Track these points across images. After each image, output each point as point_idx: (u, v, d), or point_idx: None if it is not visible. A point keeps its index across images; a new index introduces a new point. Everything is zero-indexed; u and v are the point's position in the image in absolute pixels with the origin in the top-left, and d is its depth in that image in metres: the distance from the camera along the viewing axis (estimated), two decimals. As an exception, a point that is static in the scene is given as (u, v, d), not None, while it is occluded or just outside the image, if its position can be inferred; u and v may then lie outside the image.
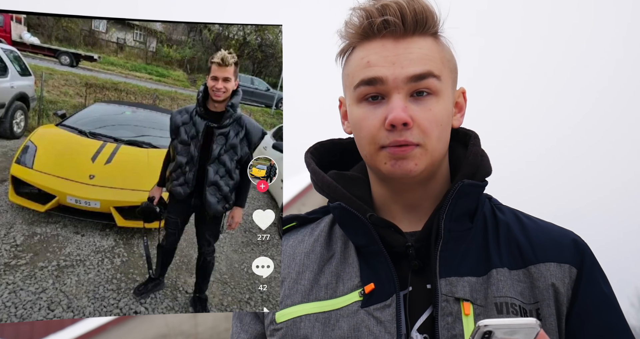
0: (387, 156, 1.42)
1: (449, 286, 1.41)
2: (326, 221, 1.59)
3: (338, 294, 1.46)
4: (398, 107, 1.39)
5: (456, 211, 1.46)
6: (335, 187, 1.51)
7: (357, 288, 1.45)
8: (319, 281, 1.48)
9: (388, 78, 1.41)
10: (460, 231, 1.46)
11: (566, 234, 1.51)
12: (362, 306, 1.42)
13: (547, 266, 1.44)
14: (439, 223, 1.44)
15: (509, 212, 1.55)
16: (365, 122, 1.44)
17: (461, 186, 1.45)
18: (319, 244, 1.54)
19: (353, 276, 1.47)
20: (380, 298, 1.42)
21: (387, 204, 1.52)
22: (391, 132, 1.40)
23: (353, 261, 1.49)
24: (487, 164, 1.53)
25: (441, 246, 1.43)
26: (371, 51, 1.44)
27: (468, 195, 1.47)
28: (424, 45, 1.44)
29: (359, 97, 1.44)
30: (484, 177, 1.51)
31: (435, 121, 1.42)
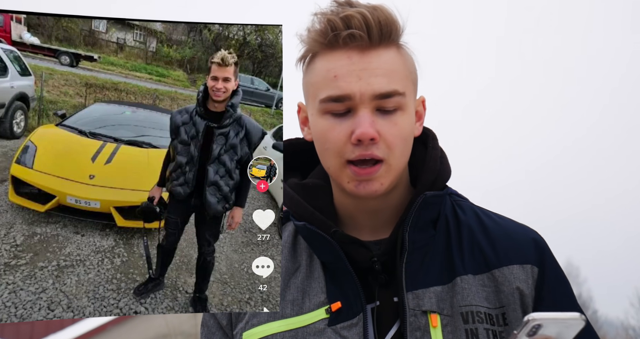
0: (350, 176, 1.42)
1: (416, 300, 1.41)
2: (289, 230, 1.58)
3: (304, 311, 1.46)
4: (365, 122, 1.39)
5: (420, 221, 1.46)
6: (297, 201, 1.51)
7: (323, 305, 1.45)
8: (285, 296, 1.48)
9: (355, 94, 1.39)
10: (425, 240, 1.47)
11: (526, 233, 1.52)
12: (329, 325, 1.43)
13: (510, 269, 1.45)
14: (404, 235, 1.44)
15: (470, 210, 1.55)
16: (330, 135, 1.42)
17: (424, 199, 1.46)
18: (284, 256, 1.54)
19: (319, 292, 1.47)
20: (347, 316, 1.43)
21: (350, 212, 1.53)
22: (357, 146, 1.40)
23: (319, 275, 1.49)
24: (447, 168, 1.53)
25: (406, 258, 1.44)
26: (337, 64, 1.41)
27: (431, 205, 1.48)
28: (388, 59, 1.42)
29: (325, 110, 1.43)
30: (444, 182, 1.52)
31: (400, 136, 1.42)
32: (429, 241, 1.48)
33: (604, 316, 33.89)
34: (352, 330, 1.41)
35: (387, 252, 1.46)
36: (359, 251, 1.46)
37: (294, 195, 1.52)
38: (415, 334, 1.39)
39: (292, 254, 1.55)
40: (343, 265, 1.45)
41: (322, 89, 1.43)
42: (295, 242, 1.56)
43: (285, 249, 1.55)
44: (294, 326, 1.45)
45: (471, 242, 1.49)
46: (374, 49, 1.41)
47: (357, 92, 1.39)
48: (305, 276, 1.50)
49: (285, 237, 1.57)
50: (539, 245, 1.50)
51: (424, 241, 1.47)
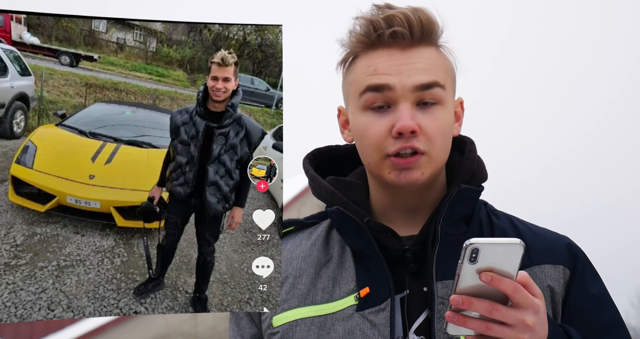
0: (391, 166, 1.44)
1: (445, 289, 1.42)
2: (324, 225, 1.60)
3: (334, 298, 1.47)
4: (406, 115, 1.41)
5: (453, 215, 1.47)
6: (333, 192, 1.52)
7: (353, 292, 1.47)
8: (316, 284, 1.50)
9: (396, 86, 1.42)
10: (457, 235, 1.47)
11: (560, 239, 1.54)
12: (357, 310, 1.44)
13: (542, 268, 1.47)
14: (436, 227, 1.45)
15: (504, 217, 1.57)
16: (371, 129, 1.45)
17: (458, 191, 1.47)
18: (316, 248, 1.56)
19: (349, 280, 1.48)
20: (375, 301, 1.44)
21: (386, 210, 1.54)
22: (398, 139, 1.42)
23: (350, 265, 1.51)
24: (483, 170, 1.55)
25: (438, 250, 1.44)
26: (377, 59, 1.45)
27: (464, 200, 1.49)
28: (429, 55, 1.46)
29: (365, 105, 1.46)
30: (480, 182, 1.53)
31: (440, 129, 1.44)
32: (461, 237, 1.47)
33: (604, 316, 33.72)
34: (380, 315, 1.42)
35: (419, 242, 1.47)
36: (390, 240, 1.47)
37: (329, 187, 1.53)
38: (442, 321, 1.39)
39: (324, 247, 1.56)
40: (373, 252, 1.46)
41: (363, 83, 1.45)
42: (329, 236, 1.58)
43: (319, 241, 1.57)
44: (323, 312, 1.46)
45: None
46: (415, 47, 1.45)
47: (397, 84, 1.42)
48: (337, 267, 1.51)
49: (319, 231, 1.59)
50: (572, 249, 1.51)
51: (456, 235, 1.47)
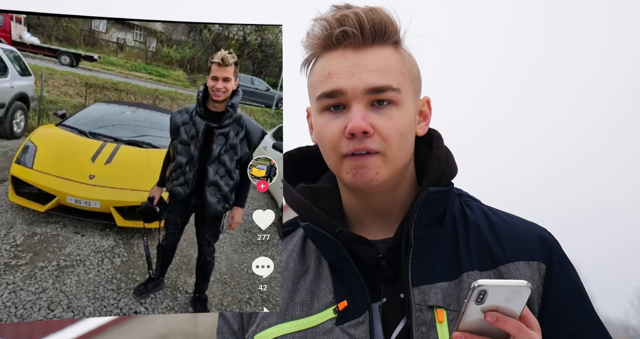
0: (348, 165, 1.44)
1: (422, 295, 1.43)
2: (299, 234, 1.61)
3: (313, 312, 1.48)
4: (357, 116, 1.42)
5: (424, 218, 1.47)
6: (303, 203, 1.53)
7: (331, 305, 1.47)
8: (294, 298, 1.50)
9: (347, 89, 1.43)
10: (431, 237, 1.48)
11: (532, 230, 1.53)
12: (337, 324, 1.44)
13: (516, 265, 1.46)
14: (409, 231, 1.45)
15: (478, 209, 1.57)
16: (326, 131, 1.46)
17: (427, 195, 1.47)
18: (292, 260, 1.56)
19: (327, 293, 1.49)
20: (353, 314, 1.44)
21: (357, 213, 1.54)
22: (351, 140, 1.42)
23: (327, 276, 1.51)
24: (452, 166, 1.54)
25: (412, 254, 1.45)
26: (332, 61, 1.46)
27: (435, 202, 1.49)
28: (383, 56, 1.45)
29: (321, 107, 1.47)
30: (450, 179, 1.53)
31: (395, 129, 1.44)
32: (435, 238, 1.49)
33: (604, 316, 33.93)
34: (359, 328, 1.43)
35: (393, 248, 1.47)
36: (364, 248, 1.47)
37: (300, 198, 1.53)
38: (421, 329, 1.40)
39: (300, 257, 1.56)
40: (347, 264, 1.46)
41: (318, 87, 1.47)
42: (305, 246, 1.58)
43: (295, 252, 1.57)
44: (304, 326, 1.46)
45: (478, 239, 1.50)
46: (368, 47, 1.45)
47: (349, 87, 1.43)
48: (314, 278, 1.52)
49: (295, 241, 1.59)
50: (547, 242, 1.51)
51: (430, 237, 1.48)
